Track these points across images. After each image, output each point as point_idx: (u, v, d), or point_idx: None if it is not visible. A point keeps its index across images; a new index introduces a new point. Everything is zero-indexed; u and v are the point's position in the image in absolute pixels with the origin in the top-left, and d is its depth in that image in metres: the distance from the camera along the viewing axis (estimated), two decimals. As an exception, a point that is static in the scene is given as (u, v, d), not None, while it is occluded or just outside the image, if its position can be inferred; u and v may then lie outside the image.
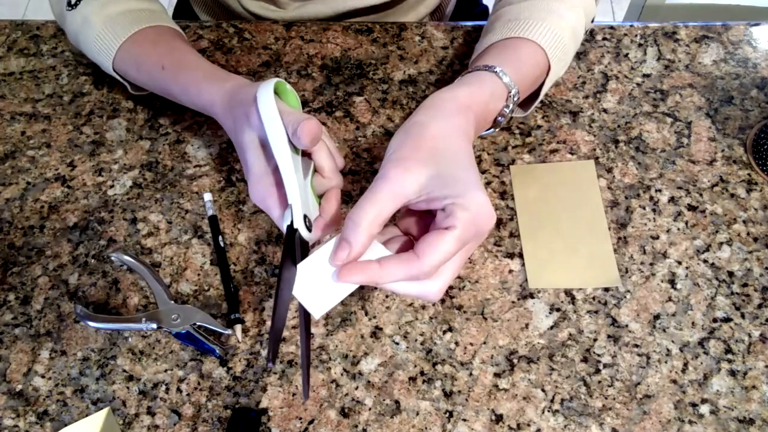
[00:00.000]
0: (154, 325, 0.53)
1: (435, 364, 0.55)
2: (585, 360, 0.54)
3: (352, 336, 0.56)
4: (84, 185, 0.64)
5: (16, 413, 0.54)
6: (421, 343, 0.55)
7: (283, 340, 0.56)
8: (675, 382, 0.53)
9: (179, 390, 0.54)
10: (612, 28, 0.72)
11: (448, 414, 0.53)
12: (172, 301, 0.55)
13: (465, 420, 0.52)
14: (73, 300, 0.58)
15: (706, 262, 0.58)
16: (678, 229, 0.60)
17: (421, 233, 0.45)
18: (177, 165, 0.65)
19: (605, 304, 0.57)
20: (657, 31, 0.71)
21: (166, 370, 0.55)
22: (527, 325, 0.56)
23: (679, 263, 0.58)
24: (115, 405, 0.54)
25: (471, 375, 0.54)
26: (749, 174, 0.62)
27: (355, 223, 0.42)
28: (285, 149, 0.45)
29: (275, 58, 0.70)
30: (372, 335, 0.56)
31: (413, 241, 0.45)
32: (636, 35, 0.71)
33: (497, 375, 0.54)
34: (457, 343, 0.55)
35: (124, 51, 0.61)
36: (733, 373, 0.54)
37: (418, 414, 0.53)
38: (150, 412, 0.53)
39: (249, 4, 0.75)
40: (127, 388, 0.54)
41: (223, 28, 0.73)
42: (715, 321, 0.56)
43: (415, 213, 0.46)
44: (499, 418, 0.52)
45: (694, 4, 1.01)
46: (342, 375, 0.54)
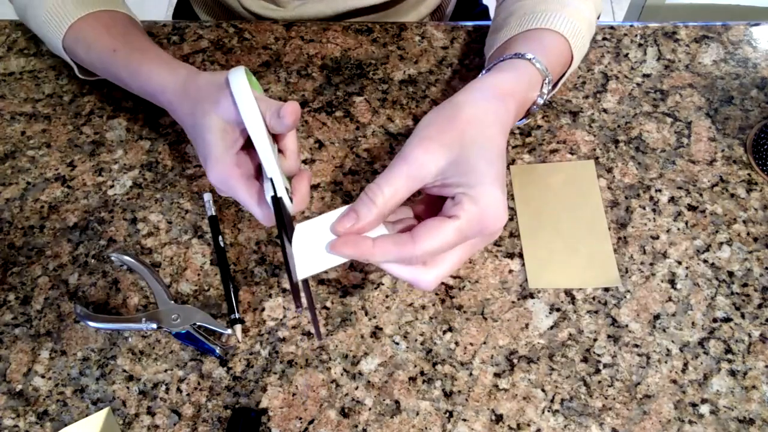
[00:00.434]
0: (154, 325, 0.53)
1: (435, 364, 0.55)
2: (585, 360, 0.54)
3: (352, 336, 0.56)
4: (84, 185, 0.64)
5: (16, 413, 0.54)
6: (421, 343, 0.55)
7: (283, 340, 0.56)
8: (675, 382, 0.53)
9: (179, 390, 0.54)
10: (612, 28, 0.72)
11: (448, 414, 0.53)
12: (172, 301, 0.55)
13: (465, 420, 0.52)
14: (73, 300, 0.58)
15: (706, 262, 0.58)
16: (678, 229, 0.60)
17: None
18: (177, 165, 0.65)
19: (605, 304, 0.57)
20: (657, 31, 0.71)
21: (166, 370, 0.55)
22: (527, 325, 0.56)
23: (679, 263, 0.58)
24: (115, 405, 0.54)
25: (471, 375, 0.54)
26: (749, 174, 0.62)
27: (370, 199, 0.42)
28: (262, 127, 0.47)
29: (275, 58, 0.70)
30: (372, 335, 0.56)
31: None
32: (636, 35, 0.71)
33: (497, 375, 0.54)
34: (457, 343, 0.55)
35: (76, 30, 0.59)
36: (733, 373, 0.54)
37: (418, 414, 0.53)
38: (150, 412, 0.53)
39: (249, 3, 0.75)
40: (127, 388, 0.54)
41: (223, 28, 0.73)
42: (715, 321, 0.56)
43: (432, 198, 0.45)
44: (499, 418, 0.52)
45: (694, 4, 1.01)
46: (342, 375, 0.54)
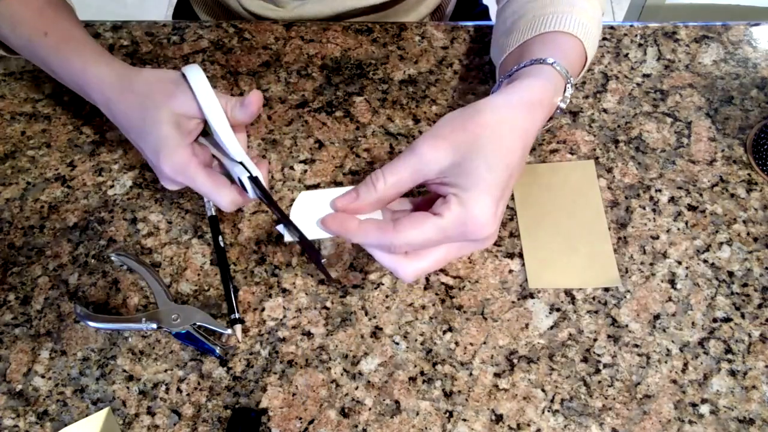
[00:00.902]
0: (154, 325, 0.53)
1: (435, 364, 0.55)
2: (585, 360, 0.54)
3: (352, 336, 0.56)
4: (84, 185, 0.64)
5: (16, 413, 0.54)
6: (421, 343, 0.55)
7: (283, 340, 0.56)
8: (675, 382, 0.53)
9: (179, 390, 0.54)
10: (612, 28, 0.72)
11: (448, 414, 0.53)
12: (172, 301, 0.55)
13: (465, 420, 0.52)
14: (73, 300, 0.58)
15: (706, 262, 0.58)
16: (678, 229, 0.60)
17: None
18: (177, 165, 0.65)
19: (605, 304, 0.57)
20: (657, 31, 0.71)
21: (166, 370, 0.55)
22: (527, 325, 0.56)
23: (679, 263, 0.58)
24: (115, 405, 0.54)
25: (471, 375, 0.54)
26: (749, 174, 0.62)
27: (372, 183, 0.43)
28: (223, 117, 0.50)
29: (275, 58, 0.70)
30: (372, 335, 0.56)
31: None
32: (636, 35, 0.71)
33: (497, 375, 0.54)
34: (457, 343, 0.55)
35: (3, 6, 0.56)
36: (733, 373, 0.54)
37: (418, 414, 0.53)
38: (150, 412, 0.53)
39: (249, 3, 0.75)
40: (127, 388, 0.54)
41: (223, 28, 0.73)
42: (715, 321, 0.56)
43: (434, 195, 0.46)
44: (499, 418, 0.52)
45: (694, 4, 1.01)
46: (342, 375, 0.54)
